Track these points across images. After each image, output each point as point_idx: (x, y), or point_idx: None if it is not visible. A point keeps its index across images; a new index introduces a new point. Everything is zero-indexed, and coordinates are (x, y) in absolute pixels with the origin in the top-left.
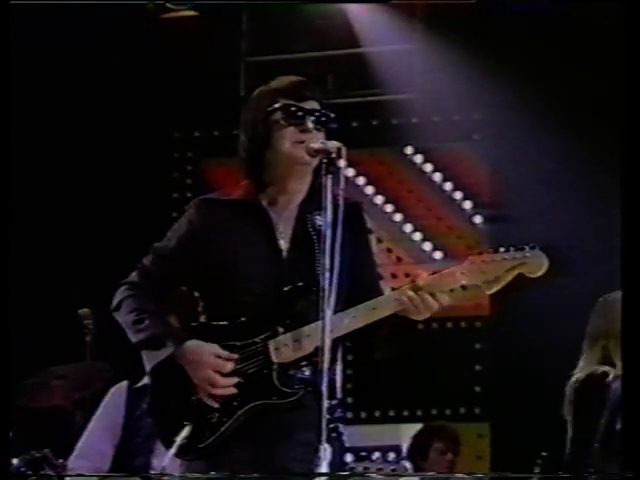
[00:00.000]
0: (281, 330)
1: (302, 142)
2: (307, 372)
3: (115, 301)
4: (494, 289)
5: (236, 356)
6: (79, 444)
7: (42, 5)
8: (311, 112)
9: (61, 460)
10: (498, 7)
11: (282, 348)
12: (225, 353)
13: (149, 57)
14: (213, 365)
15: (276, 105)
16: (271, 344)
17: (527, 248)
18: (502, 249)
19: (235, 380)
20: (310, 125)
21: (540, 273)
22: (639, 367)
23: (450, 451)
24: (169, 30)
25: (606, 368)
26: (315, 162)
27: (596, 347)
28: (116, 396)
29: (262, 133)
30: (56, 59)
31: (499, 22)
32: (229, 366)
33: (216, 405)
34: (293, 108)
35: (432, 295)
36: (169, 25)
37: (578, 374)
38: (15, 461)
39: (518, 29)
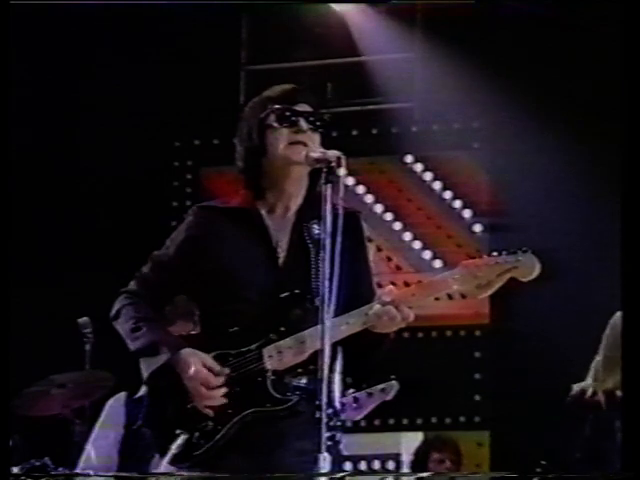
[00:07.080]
0: (275, 337)
1: (297, 142)
2: (303, 380)
3: (114, 310)
4: (486, 293)
5: (227, 370)
6: (85, 454)
7: (42, 6)
8: (304, 114)
9: (61, 469)
10: (497, 9)
11: (276, 355)
12: (217, 368)
13: (149, 65)
14: (201, 378)
15: (269, 110)
16: (265, 352)
17: (519, 252)
18: (494, 253)
19: (222, 392)
20: (304, 126)
21: (532, 277)
22: (639, 368)
23: (449, 459)
24: (169, 38)
25: (587, 384)
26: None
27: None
28: (115, 407)
29: (257, 141)
30: (56, 67)
31: (499, 29)
32: (218, 380)
33: (210, 414)
34: (287, 112)
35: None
36: (170, 33)
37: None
38: (15, 470)
39: (518, 36)
